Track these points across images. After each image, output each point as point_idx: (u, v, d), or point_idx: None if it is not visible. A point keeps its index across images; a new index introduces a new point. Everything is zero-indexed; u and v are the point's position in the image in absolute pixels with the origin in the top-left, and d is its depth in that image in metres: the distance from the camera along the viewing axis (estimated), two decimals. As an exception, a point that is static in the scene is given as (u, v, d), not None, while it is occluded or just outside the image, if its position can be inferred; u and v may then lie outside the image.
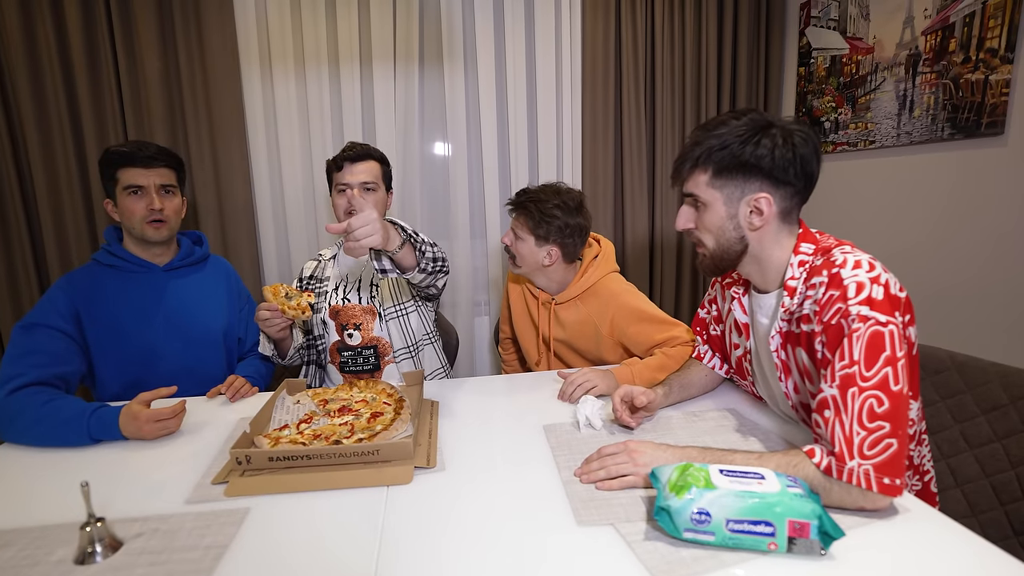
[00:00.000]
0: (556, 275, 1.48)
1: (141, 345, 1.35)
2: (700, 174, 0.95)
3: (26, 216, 1.87)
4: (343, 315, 1.52)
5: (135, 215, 1.34)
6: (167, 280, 1.42)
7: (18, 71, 1.77)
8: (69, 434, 1.06)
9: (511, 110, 2.14)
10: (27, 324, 1.22)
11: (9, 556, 0.73)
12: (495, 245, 2.22)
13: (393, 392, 1.19)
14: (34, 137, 1.81)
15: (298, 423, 1.07)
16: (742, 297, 1.08)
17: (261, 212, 2.06)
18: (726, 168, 0.92)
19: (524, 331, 1.62)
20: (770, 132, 0.90)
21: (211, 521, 0.79)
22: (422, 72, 2.11)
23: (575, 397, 1.21)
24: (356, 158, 1.48)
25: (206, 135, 1.93)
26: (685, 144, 0.97)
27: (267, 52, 1.99)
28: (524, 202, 1.43)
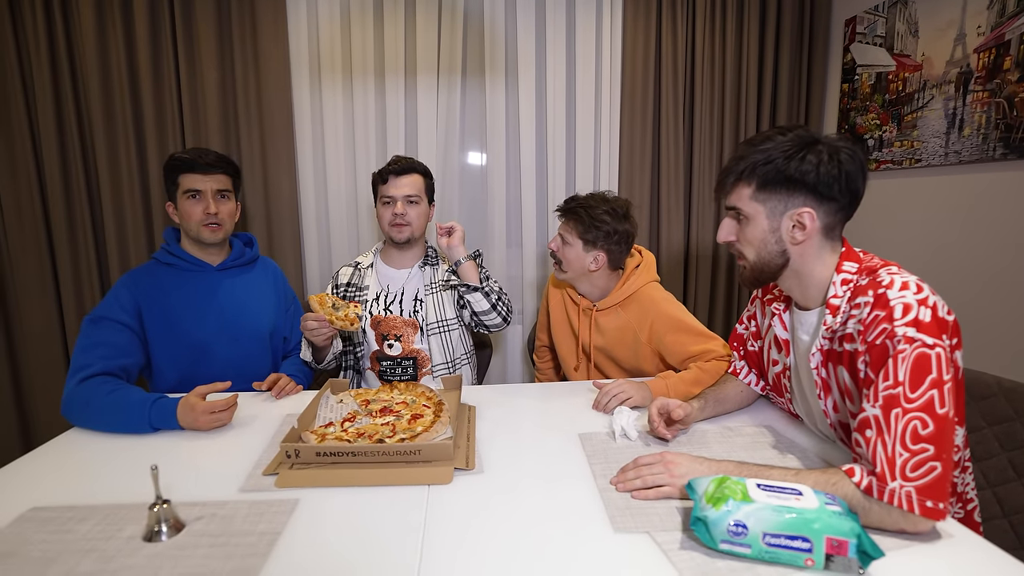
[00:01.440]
0: (600, 281, 1.51)
1: (194, 340, 1.42)
2: (744, 187, 0.96)
3: (91, 215, 1.99)
4: (384, 325, 1.56)
5: (192, 218, 1.42)
6: (220, 279, 1.49)
7: (91, 80, 1.90)
8: (131, 422, 1.13)
9: (550, 121, 2.18)
10: (95, 317, 1.31)
11: (86, 530, 0.79)
12: (530, 254, 2.25)
13: (432, 395, 1.23)
14: (102, 142, 1.94)
15: (342, 421, 1.12)
16: (783, 313, 1.08)
17: (305, 216, 2.14)
18: (770, 182, 0.93)
19: (562, 337, 1.65)
20: (816, 148, 0.91)
21: (264, 509, 0.84)
22: (464, 83, 2.17)
23: (609, 407, 1.23)
24: (401, 171, 1.54)
25: (257, 142, 2.02)
26: (730, 158, 0.99)
27: (317, 63, 2.08)
28: (574, 207, 1.46)
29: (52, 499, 0.88)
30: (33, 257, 1.97)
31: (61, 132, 1.93)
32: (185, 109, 1.97)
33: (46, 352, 2.01)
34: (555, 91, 2.16)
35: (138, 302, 1.36)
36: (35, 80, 1.88)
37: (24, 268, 1.96)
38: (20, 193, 1.94)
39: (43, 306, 1.99)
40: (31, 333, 2.00)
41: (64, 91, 1.91)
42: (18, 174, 1.93)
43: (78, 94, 1.93)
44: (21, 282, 1.97)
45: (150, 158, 1.97)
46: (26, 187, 1.93)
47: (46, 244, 1.98)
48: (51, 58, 1.89)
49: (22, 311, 1.99)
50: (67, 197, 1.96)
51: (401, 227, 1.55)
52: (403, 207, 1.53)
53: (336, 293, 1.63)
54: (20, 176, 1.93)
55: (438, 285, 1.61)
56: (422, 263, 1.63)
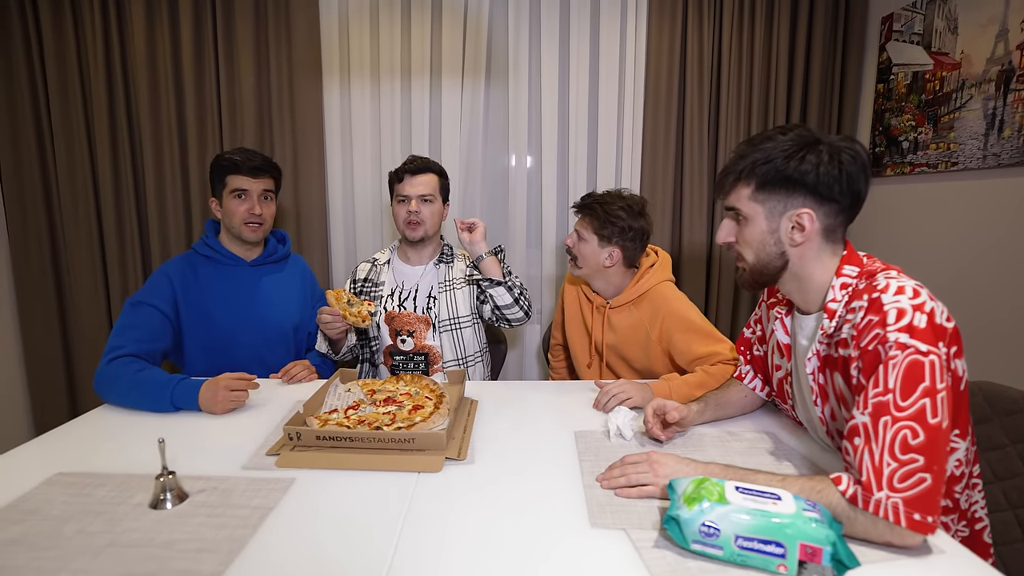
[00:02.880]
0: (615, 278, 1.51)
1: (224, 331, 1.49)
2: (743, 187, 0.95)
3: (136, 207, 2.13)
4: (398, 321, 1.60)
5: (236, 216, 1.49)
6: (253, 274, 1.56)
7: (140, 82, 2.03)
8: (154, 399, 1.21)
9: (572, 122, 2.18)
10: (136, 301, 1.39)
11: (103, 495, 0.87)
12: (550, 254, 2.26)
13: (436, 388, 1.26)
14: (149, 141, 2.06)
15: (346, 409, 1.16)
16: (785, 318, 1.06)
17: (333, 214, 2.21)
18: (769, 182, 0.91)
19: (576, 334, 1.66)
20: (816, 148, 0.89)
21: (261, 486, 0.89)
22: (488, 84, 2.20)
23: (609, 407, 1.23)
24: (416, 171, 1.58)
25: (288, 142, 2.11)
26: (730, 158, 0.98)
27: (347, 65, 2.14)
28: (590, 203, 1.48)
29: (76, 466, 0.96)
30: (86, 249, 2.11)
31: (113, 134, 2.07)
32: (224, 110, 2.08)
33: (95, 335, 2.15)
34: (578, 92, 2.16)
35: (175, 290, 1.44)
36: (92, 84, 2.02)
37: (78, 259, 2.11)
38: (77, 191, 2.09)
39: (93, 294, 2.14)
40: (82, 318, 2.15)
41: (117, 93, 2.04)
42: (76, 175, 2.08)
43: (129, 96, 2.06)
44: (75, 271, 2.12)
45: (191, 156, 2.08)
46: (82, 186, 2.08)
47: (97, 236, 2.12)
48: (107, 61, 2.02)
49: (75, 298, 2.14)
50: (117, 194, 2.10)
51: (415, 225, 1.58)
52: (417, 205, 1.56)
53: (354, 288, 1.67)
54: (77, 176, 2.08)
55: (452, 283, 1.63)
56: (437, 260, 1.66)
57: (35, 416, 2.24)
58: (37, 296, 2.14)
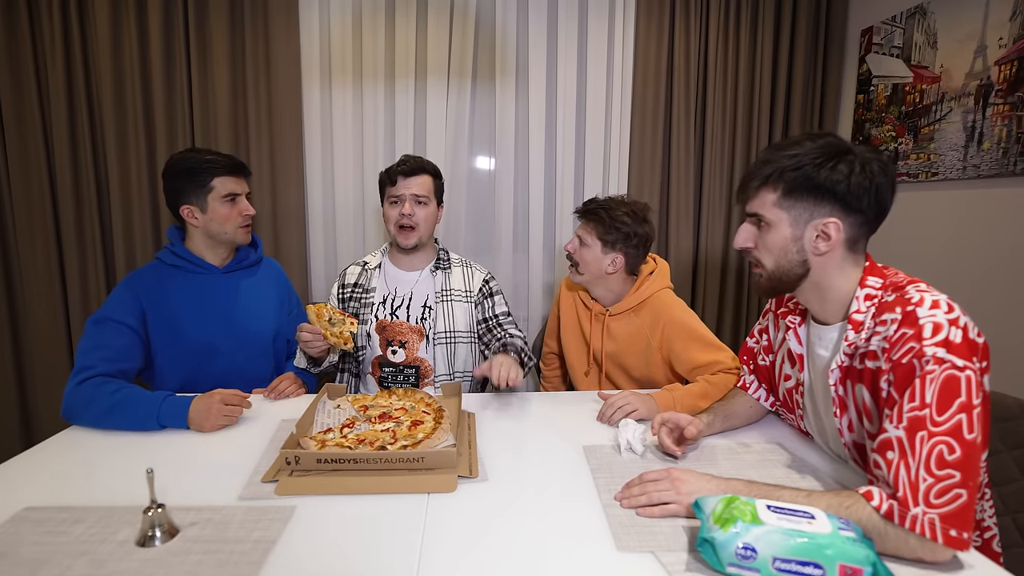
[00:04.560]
0: (615, 286, 1.50)
1: (197, 343, 1.41)
2: (768, 192, 0.93)
3: (99, 215, 2.01)
4: (390, 330, 1.54)
5: (230, 221, 1.41)
6: (224, 281, 1.48)
7: (104, 79, 1.92)
8: (139, 418, 1.14)
9: (559, 127, 2.18)
10: (98, 319, 1.30)
11: (80, 532, 0.78)
12: (537, 259, 2.24)
13: (431, 402, 1.22)
14: (112, 142, 1.95)
15: (341, 427, 1.11)
16: (799, 327, 1.06)
17: (312, 219, 2.15)
18: (797, 189, 0.90)
19: (573, 343, 1.63)
20: (847, 158, 0.88)
21: (260, 516, 0.83)
22: (474, 88, 2.17)
23: (614, 420, 1.21)
24: (410, 172, 1.51)
25: (266, 144, 2.03)
26: (755, 161, 0.96)
27: (327, 66, 2.09)
28: (594, 208, 1.46)
29: (47, 499, 0.88)
30: (42, 255, 1.98)
31: (73, 132, 1.95)
32: (196, 110, 1.99)
33: (51, 350, 2.02)
34: (565, 95, 2.16)
35: (141, 303, 1.35)
36: (49, 79, 1.90)
37: (32, 266, 1.98)
38: (31, 192, 1.96)
39: (49, 304, 2.00)
40: (37, 330, 2.01)
41: (77, 89, 1.92)
42: (30, 173, 1.95)
43: (91, 92, 1.95)
44: (29, 279, 1.98)
45: (159, 159, 1.98)
46: (37, 186, 1.95)
47: (54, 242, 1.99)
48: (66, 57, 1.91)
49: (28, 308, 2.00)
50: (76, 196, 1.97)
51: (408, 232, 1.52)
52: (411, 207, 1.50)
53: (343, 293, 1.60)
54: (32, 176, 1.95)
55: (450, 293, 1.58)
56: (434, 267, 1.60)
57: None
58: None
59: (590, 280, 1.51)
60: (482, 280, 1.62)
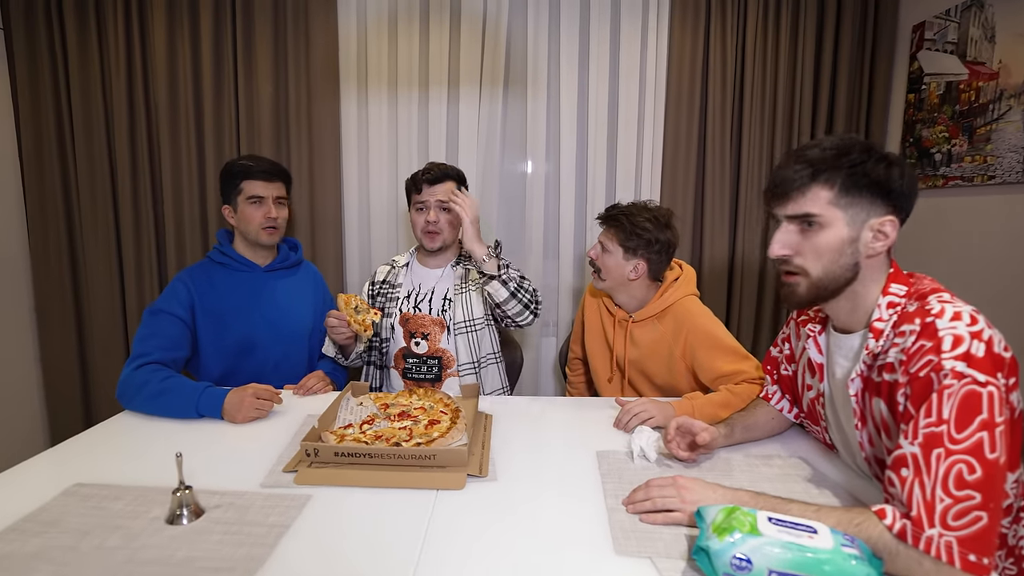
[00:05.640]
0: (638, 292, 1.51)
1: (239, 337, 1.52)
2: (821, 190, 0.87)
3: (154, 216, 2.17)
4: (412, 323, 1.60)
5: (253, 221, 1.53)
6: (266, 280, 1.59)
7: (159, 88, 2.08)
8: (180, 406, 1.25)
9: (591, 132, 2.18)
10: (154, 309, 1.44)
11: (119, 508, 0.87)
12: (568, 265, 2.25)
13: (450, 402, 1.26)
14: (167, 149, 2.11)
15: (361, 424, 1.16)
16: (818, 336, 1.04)
17: (348, 223, 2.22)
18: (855, 186, 0.85)
19: (596, 348, 1.64)
20: (890, 157, 0.86)
21: (278, 503, 0.89)
22: (506, 94, 2.20)
23: (630, 426, 1.22)
24: (435, 180, 1.57)
25: (305, 151, 2.13)
26: (792, 161, 0.90)
27: (364, 75, 2.17)
28: (616, 215, 1.47)
29: (94, 476, 0.97)
30: (103, 250, 2.16)
31: (132, 139, 2.11)
32: (241, 119, 2.11)
33: (109, 337, 2.20)
34: (597, 100, 2.16)
35: (192, 297, 1.48)
36: (113, 88, 2.07)
37: (95, 260, 2.16)
38: (96, 194, 2.14)
39: (109, 296, 2.18)
40: (98, 319, 2.19)
41: (136, 99, 2.09)
42: (96, 181, 2.13)
43: (148, 103, 2.11)
44: (92, 273, 2.17)
45: (208, 165, 2.12)
46: (101, 192, 2.13)
47: (115, 242, 2.17)
48: (128, 69, 2.07)
49: (92, 303, 2.19)
50: (135, 198, 2.14)
51: (433, 236, 1.58)
52: (436, 214, 1.56)
53: (372, 290, 1.68)
54: (97, 183, 2.13)
55: (468, 284, 1.63)
56: (455, 262, 1.67)
57: (51, 421, 2.28)
58: (55, 303, 2.19)
59: (612, 286, 1.52)
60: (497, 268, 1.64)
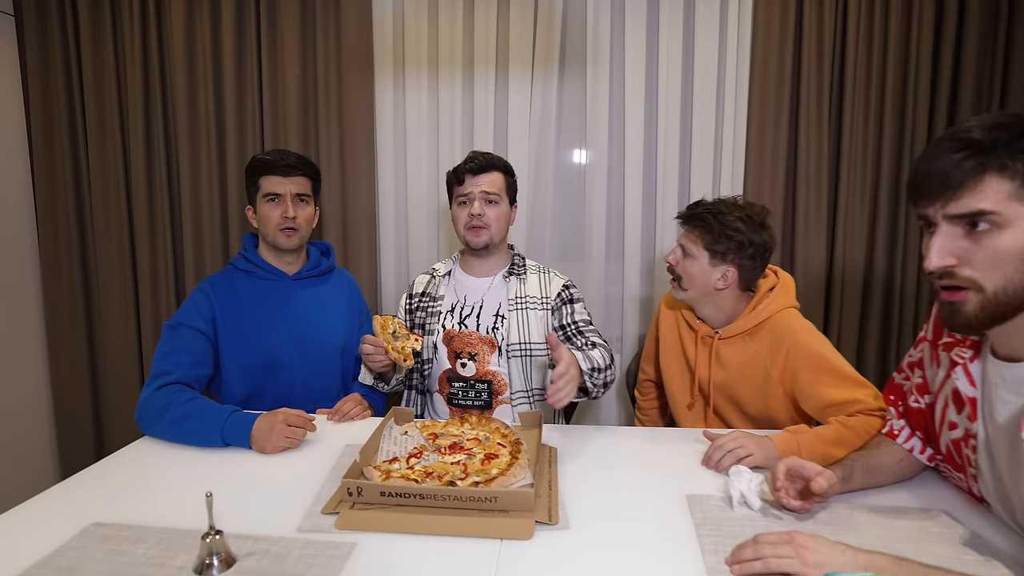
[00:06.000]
0: (726, 304, 1.45)
1: (264, 352, 1.52)
2: (996, 182, 0.77)
3: (171, 216, 2.22)
4: (457, 341, 1.57)
5: (270, 222, 1.54)
6: (294, 289, 1.59)
7: (177, 73, 2.13)
8: (204, 433, 1.23)
9: (662, 116, 2.13)
10: (174, 323, 1.45)
11: (141, 553, 0.86)
12: (634, 270, 2.20)
13: (508, 433, 1.23)
14: (184, 140, 2.16)
15: (408, 457, 1.13)
16: (970, 363, 0.94)
17: (383, 223, 2.24)
18: None
19: (674, 370, 1.59)
20: None
21: (319, 551, 0.86)
22: (562, 76, 2.17)
23: (723, 465, 1.16)
24: (479, 169, 1.55)
25: (336, 143, 2.15)
26: (950, 144, 0.81)
27: (401, 57, 2.17)
28: (701, 213, 1.42)
29: (113, 515, 0.97)
30: (116, 257, 2.23)
31: (148, 130, 2.18)
32: (265, 108, 2.15)
33: (122, 353, 2.27)
34: (668, 80, 2.11)
35: (214, 308, 1.49)
36: (128, 75, 2.14)
37: (107, 266, 2.24)
38: (108, 191, 2.22)
39: (123, 306, 2.25)
40: (111, 337, 2.27)
41: (152, 86, 2.16)
42: (108, 172, 2.20)
43: (165, 89, 2.17)
44: (103, 282, 2.24)
45: (229, 160, 2.16)
46: (114, 186, 2.21)
47: (128, 243, 2.24)
48: (143, 55, 2.14)
49: (103, 310, 2.26)
50: (150, 195, 2.21)
51: (479, 230, 1.55)
52: (480, 207, 1.53)
53: (411, 304, 1.66)
54: (109, 175, 2.20)
55: (525, 301, 1.59)
56: (507, 272, 1.63)
57: (60, 442, 2.36)
58: (65, 312, 2.29)
59: (695, 297, 1.46)
60: (561, 285, 1.63)
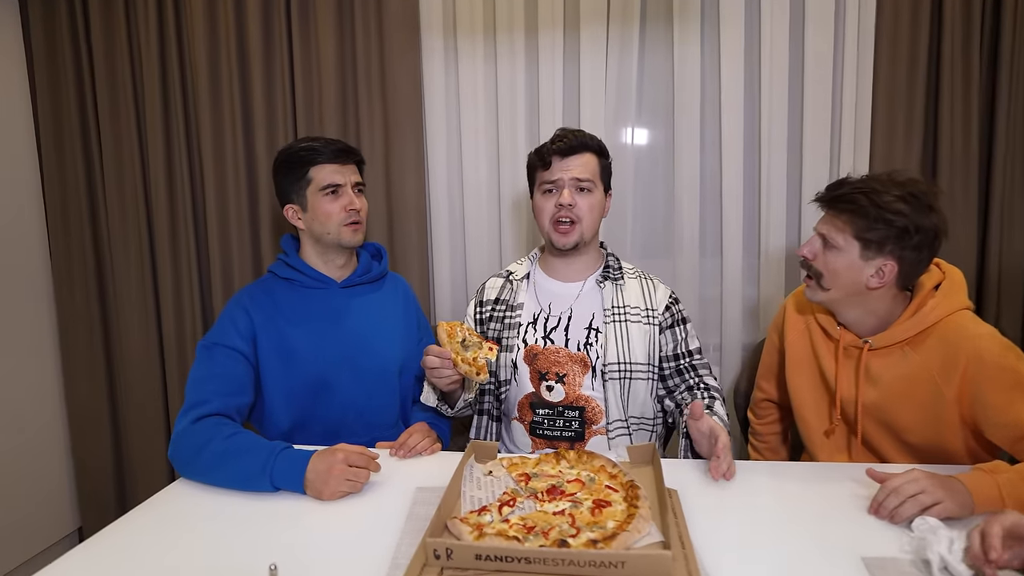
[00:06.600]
0: (879, 306, 1.35)
1: (310, 373, 1.48)
2: None
3: (194, 218, 2.24)
4: (542, 360, 1.52)
5: (333, 217, 1.49)
6: (344, 299, 1.56)
7: (198, 59, 2.13)
8: (249, 474, 1.18)
9: (765, 84, 2.04)
10: (209, 343, 1.41)
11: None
12: (735, 266, 2.12)
13: (617, 472, 1.15)
14: (208, 131, 2.17)
15: (499, 506, 1.05)
16: None
17: (435, 219, 2.21)
18: None
19: (805, 387, 1.49)
20: None
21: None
22: (643, 37, 2.12)
23: (902, 516, 1.04)
24: (569, 150, 1.50)
25: (379, 126, 2.12)
26: None
27: (452, 21, 2.14)
28: (850, 193, 1.30)
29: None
30: (135, 263, 2.28)
31: (167, 121, 2.21)
32: (298, 90, 2.13)
33: (143, 375, 2.30)
34: (773, 40, 2.02)
35: (253, 323, 1.45)
36: (143, 60, 2.16)
37: (125, 275, 2.29)
38: (125, 194, 2.25)
39: (142, 320, 2.30)
40: (129, 346, 2.31)
41: (170, 67, 2.17)
42: (123, 172, 2.24)
43: (184, 72, 2.18)
44: (121, 289, 2.29)
45: (258, 151, 2.16)
46: (131, 189, 2.25)
47: (148, 251, 2.27)
48: (159, 30, 2.16)
49: (121, 327, 2.30)
50: (170, 198, 2.24)
51: (567, 229, 1.50)
52: (571, 196, 1.48)
53: (481, 312, 1.63)
54: (125, 174, 2.24)
55: (624, 311, 1.53)
56: (601, 276, 1.57)
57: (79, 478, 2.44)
58: (80, 328, 2.36)
59: (840, 298, 1.36)
60: (668, 297, 1.59)
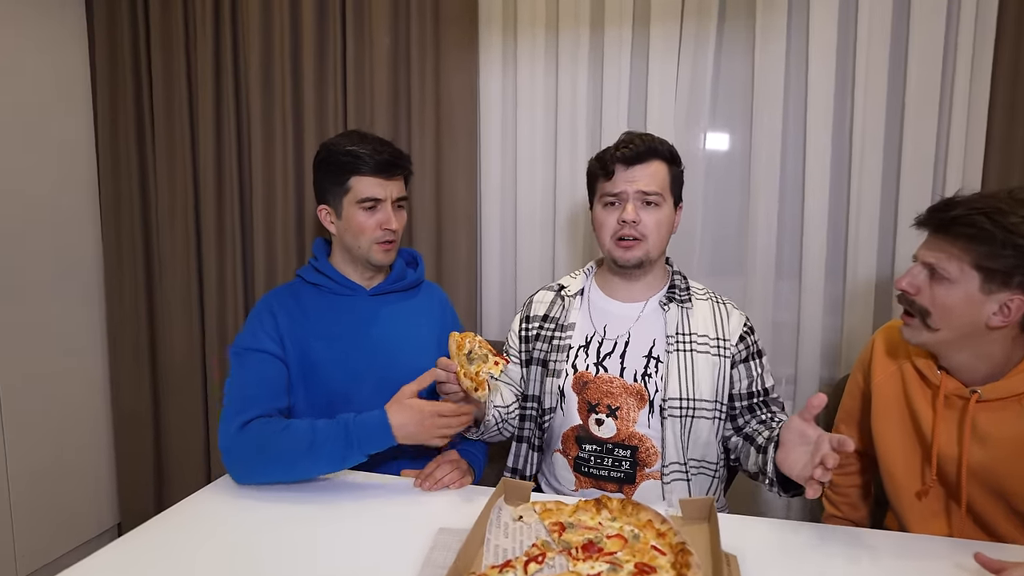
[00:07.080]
0: (996, 349, 1.21)
1: (332, 385, 1.46)
2: None
3: (240, 217, 2.29)
4: (593, 390, 1.44)
5: (365, 232, 1.48)
6: (372, 307, 1.56)
7: (251, 54, 2.17)
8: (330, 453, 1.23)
9: (858, 86, 1.90)
10: (240, 349, 1.42)
11: None
12: (815, 292, 1.98)
13: (666, 531, 1.05)
14: (258, 128, 2.21)
15: (526, 562, 0.97)
16: None
17: (487, 227, 2.19)
18: None
19: (895, 440, 1.36)
20: None
21: None
22: (721, 34, 2.03)
23: (1019, 616, 0.91)
24: (635, 158, 1.42)
25: (430, 127, 2.12)
26: None
27: (512, 16, 2.12)
28: (964, 215, 1.16)
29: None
30: (182, 261, 2.35)
31: (218, 116, 2.27)
32: (350, 86, 2.15)
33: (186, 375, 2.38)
34: (869, 39, 1.88)
35: (280, 328, 1.44)
36: (198, 56, 2.23)
37: (172, 268, 2.38)
38: (176, 190, 2.32)
39: (186, 318, 2.38)
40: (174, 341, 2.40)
41: (224, 62, 2.23)
42: (175, 168, 2.31)
43: (238, 62, 2.24)
44: (168, 284, 2.38)
45: (307, 149, 2.18)
46: (181, 185, 2.32)
47: (195, 249, 2.34)
48: (215, 26, 2.22)
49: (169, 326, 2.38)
50: (219, 196, 2.30)
51: (631, 245, 1.42)
52: (635, 212, 1.40)
53: (527, 330, 1.57)
54: (176, 170, 2.31)
55: (691, 338, 1.44)
56: (665, 297, 1.49)
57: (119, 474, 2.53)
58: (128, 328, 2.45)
59: (949, 339, 1.21)
60: (743, 325, 1.49)
